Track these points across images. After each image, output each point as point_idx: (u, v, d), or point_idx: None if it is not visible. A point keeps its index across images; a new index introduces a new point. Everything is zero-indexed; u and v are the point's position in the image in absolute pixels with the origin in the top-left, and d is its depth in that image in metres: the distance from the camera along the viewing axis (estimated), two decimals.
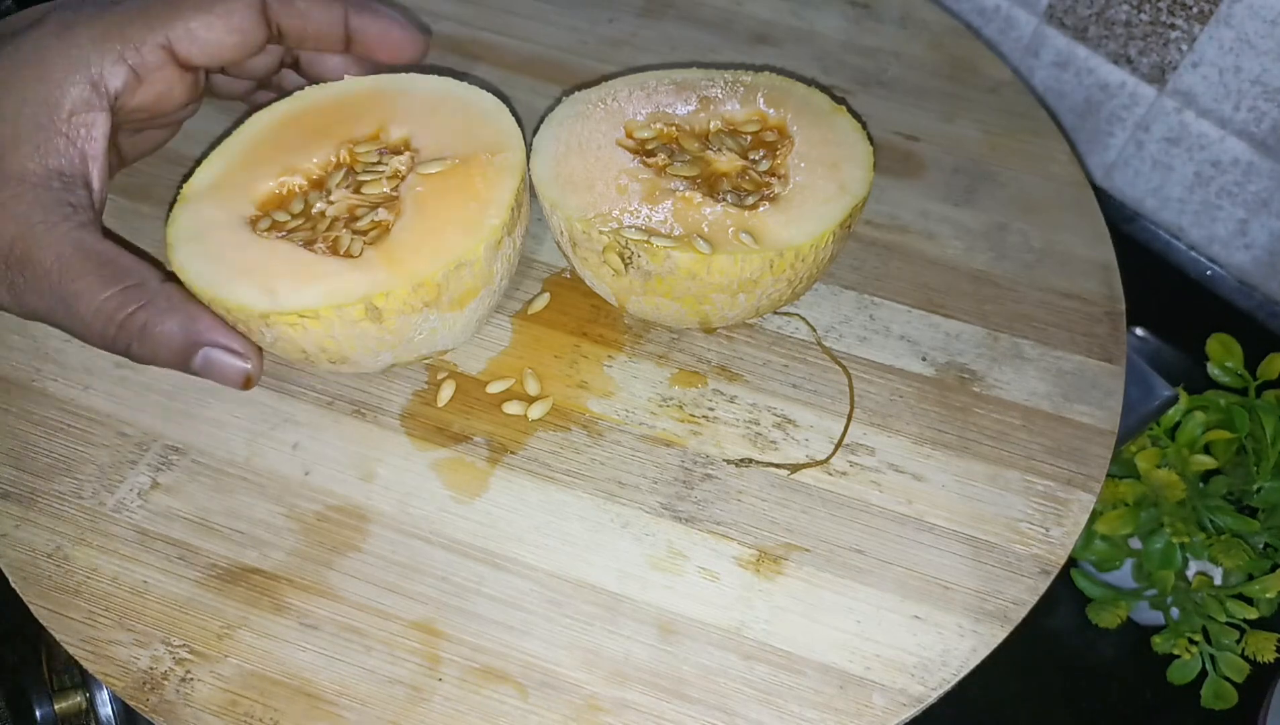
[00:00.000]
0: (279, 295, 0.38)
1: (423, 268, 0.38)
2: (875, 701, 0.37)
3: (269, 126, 0.43)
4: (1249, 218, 0.63)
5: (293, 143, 0.43)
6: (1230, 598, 0.56)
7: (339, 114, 0.44)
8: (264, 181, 0.42)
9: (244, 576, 0.39)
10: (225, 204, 0.41)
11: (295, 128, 0.43)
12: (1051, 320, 0.48)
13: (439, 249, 0.39)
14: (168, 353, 0.38)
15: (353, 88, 0.45)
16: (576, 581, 0.40)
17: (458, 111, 0.44)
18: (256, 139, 0.43)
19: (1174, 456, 0.57)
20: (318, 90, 0.45)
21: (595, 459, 0.43)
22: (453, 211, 0.40)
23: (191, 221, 0.40)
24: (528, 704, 0.37)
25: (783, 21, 0.60)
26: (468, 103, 0.44)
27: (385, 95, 0.44)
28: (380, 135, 0.43)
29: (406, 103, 0.44)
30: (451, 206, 0.40)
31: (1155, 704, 0.61)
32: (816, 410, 0.45)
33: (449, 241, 0.39)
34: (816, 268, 0.43)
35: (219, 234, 0.40)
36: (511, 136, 0.43)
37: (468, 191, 0.41)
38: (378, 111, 0.44)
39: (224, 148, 0.43)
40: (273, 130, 0.43)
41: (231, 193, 0.41)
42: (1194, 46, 0.60)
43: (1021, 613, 0.40)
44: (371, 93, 0.44)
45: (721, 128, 0.46)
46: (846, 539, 0.41)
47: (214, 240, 0.39)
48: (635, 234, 0.40)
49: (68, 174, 0.39)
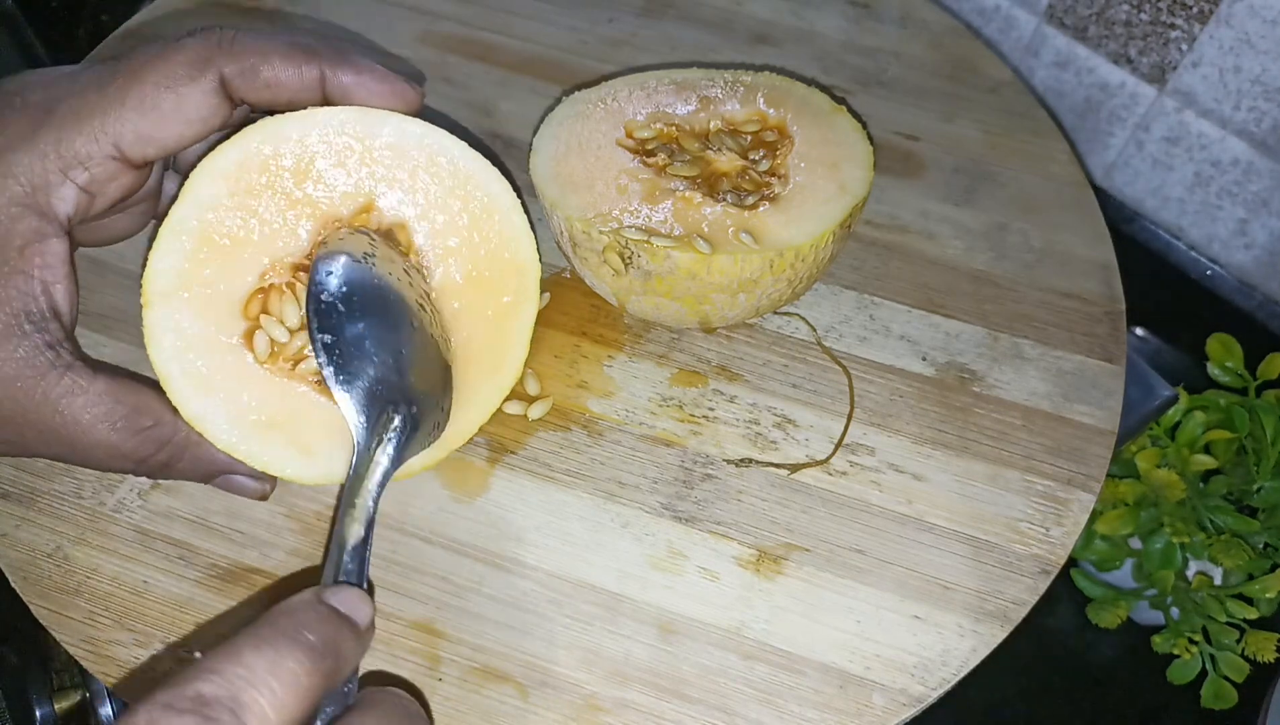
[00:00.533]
0: (317, 457, 0.37)
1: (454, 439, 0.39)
2: (875, 701, 0.37)
3: (225, 191, 0.36)
4: (1249, 217, 0.63)
5: (263, 215, 0.37)
6: (1230, 598, 0.56)
7: (308, 171, 0.37)
8: (242, 277, 0.37)
9: (244, 576, 0.39)
10: (205, 311, 0.36)
11: (260, 192, 0.37)
12: (1051, 320, 0.48)
13: (468, 417, 0.39)
14: (189, 478, 0.39)
15: (318, 127, 0.37)
16: (576, 581, 0.40)
17: (454, 185, 0.38)
18: (213, 208, 0.36)
19: (1174, 456, 0.57)
20: (274, 129, 0.37)
21: (595, 459, 0.43)
22: (481, 359, 0.39)
23: (175, 341, 0.36)
24: (528, 704, 0.37)
25: (783, 21, 0.60)
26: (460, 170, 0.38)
27: (362, 147, 0.37)
28: (370, 214, 0.38)
29: (390, 163, 0.38)
30: (479, 353, 0.39)
31: (1155, 704, 0.61)
32: (816, 410, 0.45)
33: (478, 404, 0.39)
34: (817, 268, 0.43)
35: (218, 362, 0.36)
36: (523, 237, 0.39)
37: (490, 331, 0.39)
38: (357, 171, 0.37)
39: (176, 222, 0.36)
40: (232, 196, 0.36)
41: (207, 292, 0.36)
42: (1194, 46, 0.60)
43: (1021, 612, 0.40)
44: (343, 139, 0.37)
45: (721, 127, 0.46)
46: (846, 539, 0.41)
47: (216, 376, 0.36)
48: (635, 234, 0.40)
49: (35, 312, 0.35)
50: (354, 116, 0.37)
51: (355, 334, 0.35)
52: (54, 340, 0.35)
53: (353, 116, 0.37)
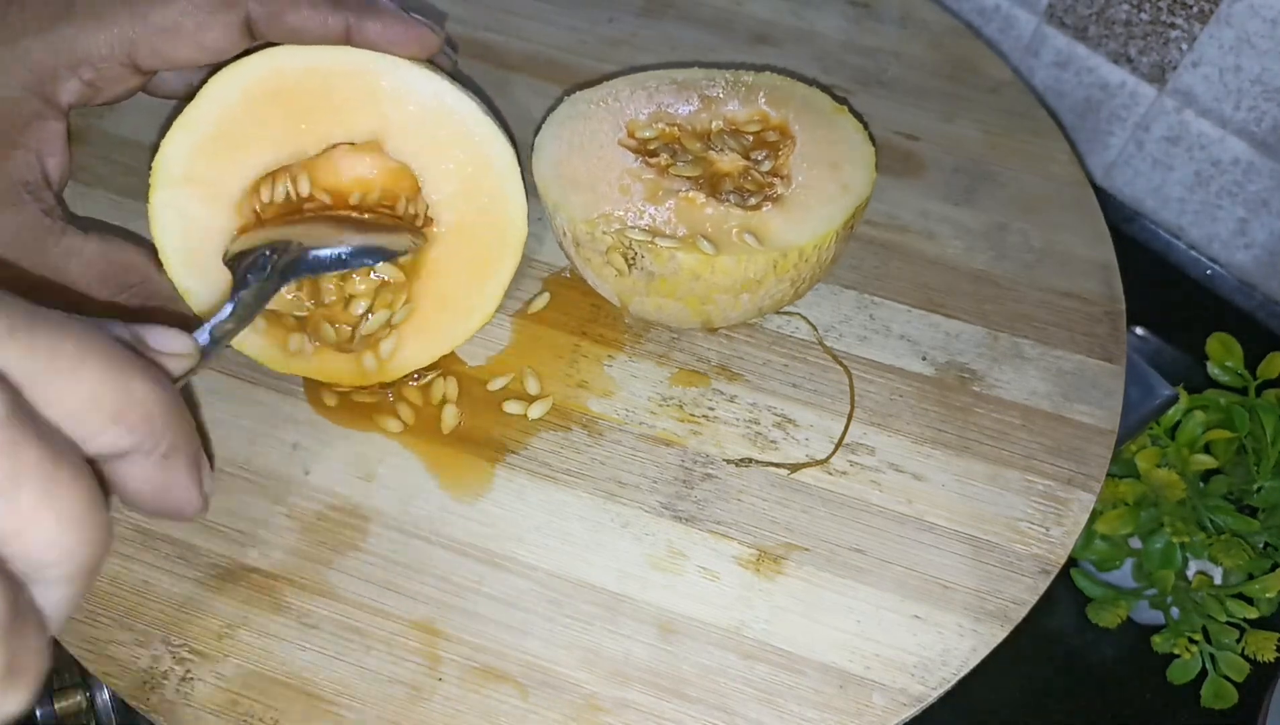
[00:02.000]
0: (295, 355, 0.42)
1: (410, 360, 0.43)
2: (875, 701, 0.37)
3: (240, 99, 0.39)
4: (1249, 217, 0.63)
5: (273, 127, 0.39)
6: (1230, 597, 0.56)
7: (325, 100, 0.39)
8: (242, 176, 0.40)
9: (244, 576, 0.39)
10: (206, 201, 0.39)
11: (273, 106, 0.39)
12: (1051, 320, 0.48)
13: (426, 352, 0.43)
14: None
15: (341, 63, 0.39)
16: (576, 581, 0.40)
17: (458, 138, 0.40)
18: (228, 109, 0.39)
19: (1174, 456, 0.57)
20: (300, 56, 0.39)
21: (595, 458, 0.43)
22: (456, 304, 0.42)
23: (178, 223, 0.40)
24: (528, 704, 0.37)
25: (783, 21, 0.60)
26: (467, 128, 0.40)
27: (373, 87, 0.40)
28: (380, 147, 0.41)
29: (399, 107, 0.40)
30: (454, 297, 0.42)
31: (1155, 704, 0.61)
32: (817, 410, 0.45)
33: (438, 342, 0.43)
34: (819, 268, 0.43)
35: (211, 248, 0.40)
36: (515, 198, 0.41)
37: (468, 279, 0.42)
38: (366, 108, 0.40)
39: (190, 119, 0.39)
40: (247, 104, 0.39)
41: (209, 183, 0.39)
42: (1194, 46, 0.60)
43: (1021, 612, 0.40)
44: (364, 79, 0.39)
45: (723, 128, 0.46)
46: (846, 539, 0.41)
47: (210, 261, 0.40)
48: (639, 235, 0.40)
49: (31, 182, 0.39)
50: (376, 62, 0.39)
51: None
52: (48, 207, 0.39)
53: (375, 62, 0.39)
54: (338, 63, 0.39)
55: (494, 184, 0.41)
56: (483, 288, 0.42)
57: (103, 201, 0.49)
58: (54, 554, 0.20)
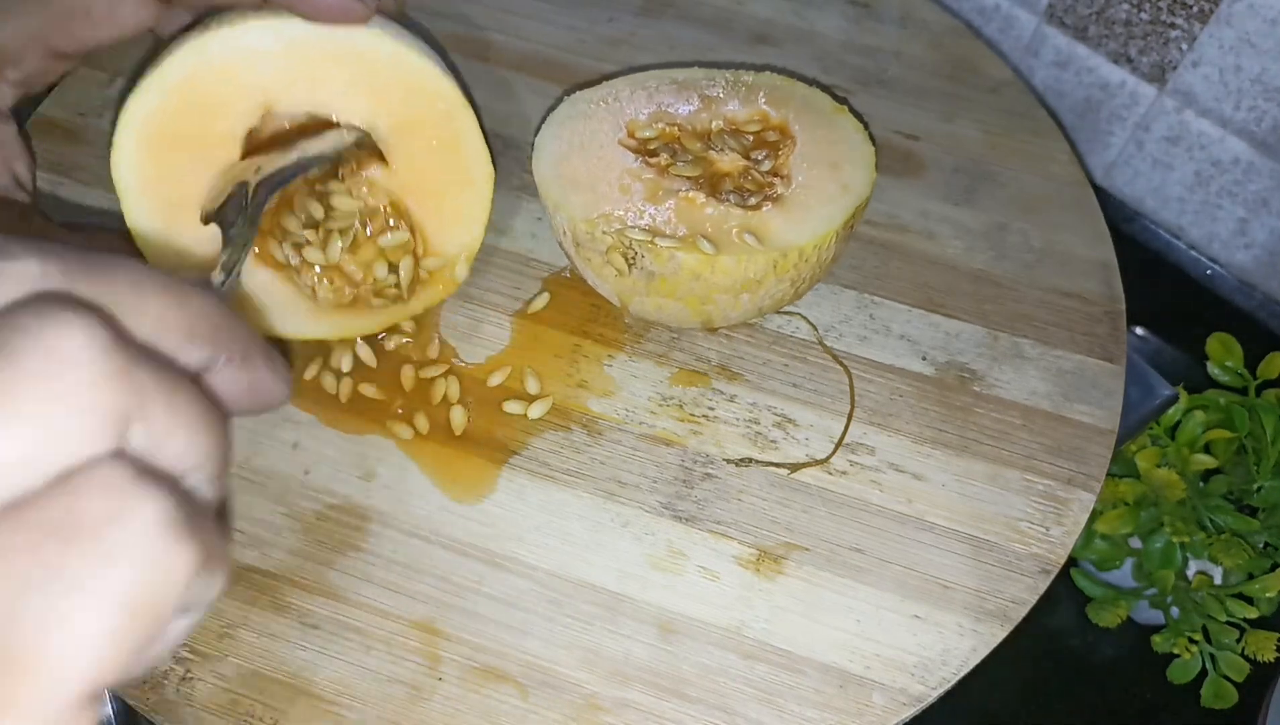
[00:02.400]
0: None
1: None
2: (875, 701, 0.37)
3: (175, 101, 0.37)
4: (1249, 217, 0.63)
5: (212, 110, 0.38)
6: (1230, 597, 0.56)
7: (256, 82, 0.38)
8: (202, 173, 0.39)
9: (244, 576, 0.39)
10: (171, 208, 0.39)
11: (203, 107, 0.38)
12: (1051, 320, 0.48)
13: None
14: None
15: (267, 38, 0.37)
16: (576, 581, 0.40)
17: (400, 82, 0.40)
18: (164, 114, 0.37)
19: (1174, 456, 0.57)
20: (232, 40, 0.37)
21: (595, 458, 0.43)
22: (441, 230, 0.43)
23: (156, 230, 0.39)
24: (528, 703, 0.37)
25: (783, 21, 0.60)
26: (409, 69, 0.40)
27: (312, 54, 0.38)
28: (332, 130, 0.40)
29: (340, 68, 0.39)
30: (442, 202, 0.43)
31: (1155, 704, 0.61)
32: (817, 409, 0.45)
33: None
34: (820, 268, 0.43)
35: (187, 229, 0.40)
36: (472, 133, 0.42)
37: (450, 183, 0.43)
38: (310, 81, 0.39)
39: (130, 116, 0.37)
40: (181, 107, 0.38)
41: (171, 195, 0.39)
42: (1194, 46, 0.60)
43: (1021, 612, 0.40)
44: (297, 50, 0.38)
45: (723, 127, 0.46)
46: (846, 538, 0.41)
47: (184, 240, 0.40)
48: (639, 234, 0.40)
49: (4, 186, 0.39)
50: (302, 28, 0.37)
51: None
52: (24, 209, 0.39)
53: (300, 28, 0.37)
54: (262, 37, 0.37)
55: (449, 121, 0.41)
56: (461, 195, 0.43)
57: (102, 201, 0.49)
58: (194, 458, 0.20)
